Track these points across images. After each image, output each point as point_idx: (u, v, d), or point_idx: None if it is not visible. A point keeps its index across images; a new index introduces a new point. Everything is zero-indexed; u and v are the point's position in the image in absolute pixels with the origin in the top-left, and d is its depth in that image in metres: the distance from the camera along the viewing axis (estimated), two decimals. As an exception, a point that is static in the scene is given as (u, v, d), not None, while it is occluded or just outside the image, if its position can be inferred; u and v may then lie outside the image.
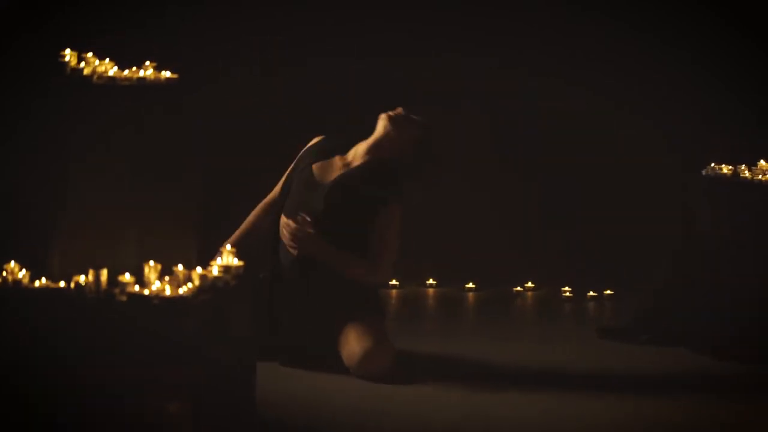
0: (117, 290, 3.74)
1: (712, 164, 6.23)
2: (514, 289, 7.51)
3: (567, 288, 7.38)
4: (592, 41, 7.59)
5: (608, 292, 7.41)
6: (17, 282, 3.76)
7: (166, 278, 3.88)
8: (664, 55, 7.55)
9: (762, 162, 6.21)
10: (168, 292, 3.77)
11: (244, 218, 5.69)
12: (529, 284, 7.55)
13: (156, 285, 3.85)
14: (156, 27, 7.16)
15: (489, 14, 7.66)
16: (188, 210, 4.16)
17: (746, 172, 6.18)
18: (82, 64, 4.12)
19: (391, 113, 5.37)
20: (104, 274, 3.77)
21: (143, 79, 4.12)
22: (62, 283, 3.80)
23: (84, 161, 4.07)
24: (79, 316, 3.70)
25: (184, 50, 7.19)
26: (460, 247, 7.66)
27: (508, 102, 7.67)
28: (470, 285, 7.51)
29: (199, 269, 3.91)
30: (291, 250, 5.18)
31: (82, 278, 3.78)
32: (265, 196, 5.69)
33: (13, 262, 3.79)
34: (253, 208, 5.66)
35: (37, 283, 3.80)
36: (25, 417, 3.73)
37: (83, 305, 3.71)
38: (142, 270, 3.87)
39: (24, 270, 3.81)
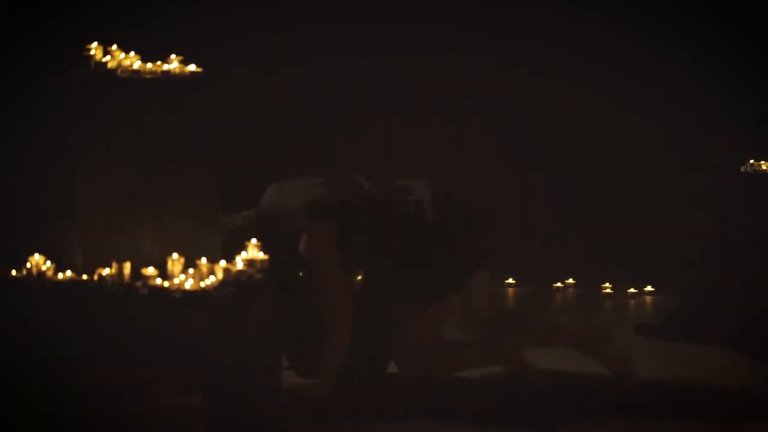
0: (139, 283, 3.72)
1: (751, 161, 6.22)
2: (554, 285, 7.50)
3: (607, 284, 7.37)
4: (592, 41, 7.59)
5: (649, 288, 7.41)
6: (41, 274, 3.74)
7: (190, 271, 3.86)
8: (664, 55, 7.56)
9: None
10: (189, 285, 3.75)
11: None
12: (570, 280, 7.54)
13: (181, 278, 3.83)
14: (156, 27, 7.13)
15: (489, 14, 7.66)
16: (210, 204, 4.15)
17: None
18: (108, 57, 4.10)
19: None
20: (127, 267, 3.76)
21: (167, 72, 4.11)
22: (85, 276, 3.79)
23: (104, 158, 4.05)
24: (101, 308, 3.68)
25: (184, 50, 7.14)
26: (501, 243, 7.65)
27: (508, 102, 7.67)
28: (510, 281, 7.51)
29: (222, 262, 3.89)
30: None
31: (105, 271, 3.76)
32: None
33: (37, 255, 3.77)
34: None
35: (60, 276, 3.78)
36: (43, 411, 3.71)
37: (105, 297, 3.69)
38: (165, 263, 3.86)
39: (48, 262, 3.79)
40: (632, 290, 7.39)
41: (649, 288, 7.42)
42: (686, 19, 7.46)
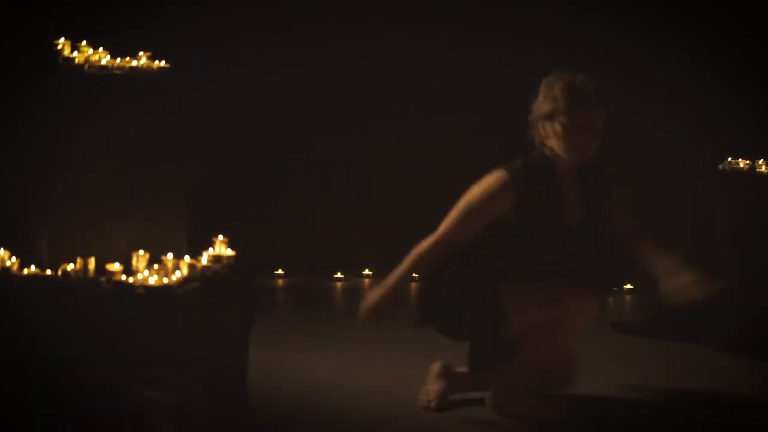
0: (104, 278, 3.74)
1: (729, 159, 6.20)
2: None
3: None
4: (592, 41, 7.56)
5: (628, 286, 7.37)
6: (6, 269, 3.76)
7: (155, 267, 3.88)
8: (664, 55, 7.53)
9: None
10: (154, 281, 3.76)
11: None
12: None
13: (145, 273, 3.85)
14: (156, 27, 7.16)
15: (489, 14, 7.65)
16: (181, 201, 4.17)
17: (764, 167, 6.15)
18: (76, 53, 4.13)
19: None
20: (92, 262, 3.77)
21: (136, 68, 4.13)
22: (49, 271, 3.81)
23: (77, 153, 4.08)
24: (65, 304, 3.70)
25: (184, 50, 7.18)
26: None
27: (507, 101, 7.64)
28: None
29: (187, 258, 3.91)
30: None
31: (70, 266, 3.78)
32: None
33: (2, 250, 3.80)
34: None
35: (25, 271, 3.80)
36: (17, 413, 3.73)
37: (69, 293, 3.70)
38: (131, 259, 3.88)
39: (13, 257, 3.81)
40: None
41: (628, 286, 7.39)
42: (686, 19, 7.43)
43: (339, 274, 7.56)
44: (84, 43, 4.16)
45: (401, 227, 5.77)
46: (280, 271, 7.57)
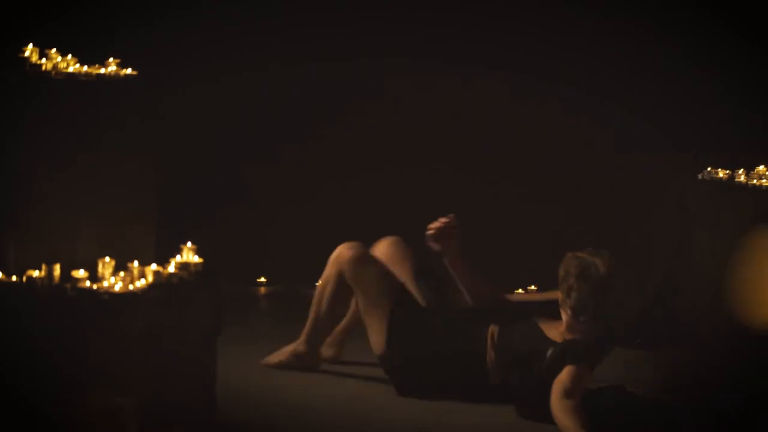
0: (69, 285, 3.76)
1: (709, 168, 6.19)
2: (516, 291, 7.46)
3: None
4: (592, 41, 7.53)
5: None
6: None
7: (121, 274, 3.90)
8: (664, 55, 7.49)
9: (760, 167, 6.16)
10: (119, 287, 3.78)
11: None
12: (532, 287, 7.49)
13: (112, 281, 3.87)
14: (156, 27, 7.19)
15: (489, 14, 7.63)
16: (148, 207, 4.18)
17: (743, 176, 6.13)
18: (44, 59, 4.14)
19: None
20: (57, 269, 3.80)
21: (103, 75, 4.14)
22: (14, 278, 3.83)
23: (43, 159, 4.09)
24: (30, 310, 3.73)
25: (184, 50, 7.22)
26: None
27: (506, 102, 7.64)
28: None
29: (153, 265, 3.93)
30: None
31: (36, 273, 3.80)
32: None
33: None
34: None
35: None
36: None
37: (34, 300, 3.73)
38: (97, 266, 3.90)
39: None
40: None
41: None
42: (685, 19, 7.39)
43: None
44: (54, 50, 4.17)
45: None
46: (262, 279, 7.46)
